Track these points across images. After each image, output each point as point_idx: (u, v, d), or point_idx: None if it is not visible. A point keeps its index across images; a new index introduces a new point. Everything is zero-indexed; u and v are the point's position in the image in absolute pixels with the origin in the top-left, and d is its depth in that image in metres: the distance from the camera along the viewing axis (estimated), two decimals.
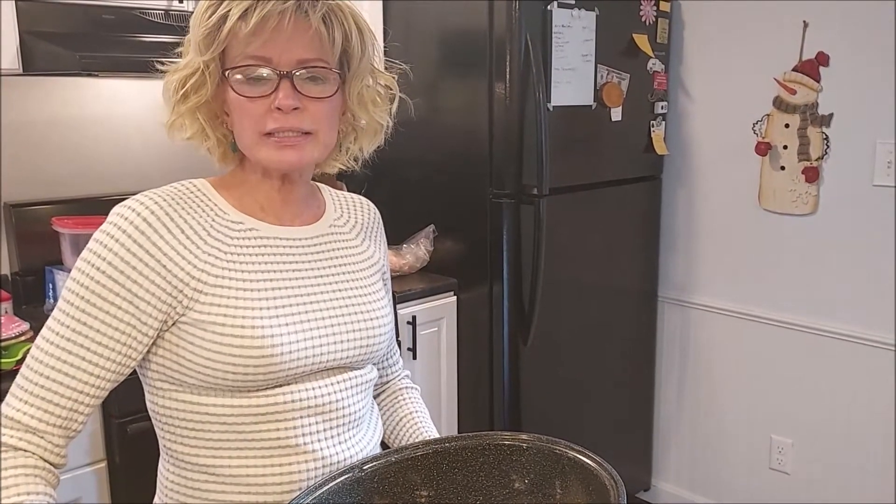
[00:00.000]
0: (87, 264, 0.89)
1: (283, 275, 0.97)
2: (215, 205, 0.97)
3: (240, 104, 0.92)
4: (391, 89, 1.04)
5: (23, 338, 1.63)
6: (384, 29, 2.36)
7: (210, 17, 0.89)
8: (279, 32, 0.89)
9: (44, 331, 0.89)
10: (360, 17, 0.96)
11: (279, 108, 0.91)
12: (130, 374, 0.93)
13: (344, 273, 1.04)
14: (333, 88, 0.95)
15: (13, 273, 2.04)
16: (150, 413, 0.98)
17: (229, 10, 0.88)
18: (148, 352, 0.93)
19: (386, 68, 1.05)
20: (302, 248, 1.01)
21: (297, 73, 0.91)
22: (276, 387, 0.94)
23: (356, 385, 1.02)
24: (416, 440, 1.13)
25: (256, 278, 0.94)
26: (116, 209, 0.91)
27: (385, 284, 1.13)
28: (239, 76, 0.91)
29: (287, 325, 0.94)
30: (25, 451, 0.86)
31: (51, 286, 1.99)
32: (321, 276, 1.01)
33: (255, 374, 0.91)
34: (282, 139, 0.93)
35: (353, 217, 1.11)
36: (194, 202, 0.95)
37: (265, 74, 0.91)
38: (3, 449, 0.86)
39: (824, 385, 2.44)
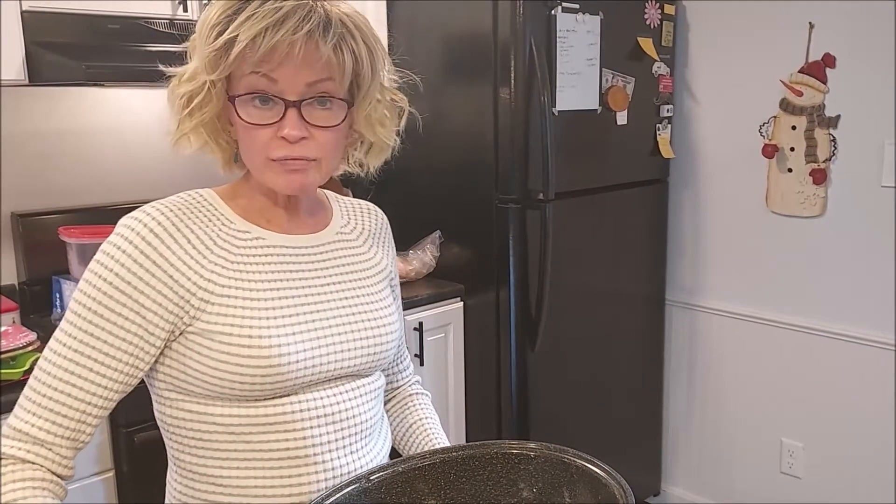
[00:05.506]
0: (95, 276, 0.89)
1: (290, 283, 0.97)
2: (221, 214, 0.97)
3: (246, 129, 0.91)
4: (397, 103, 1.02)
5: (30, 348, 1.63)
6: (389, 45, 2.36)
7: (216, 38, 0.87)
8: (289, 60, 0.87)
9: (51, 342, 0.89)
10: (370, 35, 0.93)
11: (285, 138, 0.90)
12: (138, 384, 0.93)
13: (351, 280, 1.03)
14: (341, 116, 0.94)
15: (20, 283, 2.05)
16: (159, 423, 0.98)
17: (237, 35, 0.85)
18: (156, 361, 0.93)
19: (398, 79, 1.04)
20: (308, 256, 1.01)
21: (305, 102, 0.90)
22: (283, 396, 0.94)
23: (366, 393, 1.02)
24: (427, 448, 1.13)
25: (263, 287, 0.94)
26: (123, 220, 0.91)
27: (393, 291, 1.13)
28: (245, 101, 0.90)
29: (294, 333, 0.93)
30: (33, 463, 0.86)
31: (58, 296, 1.99)
32: (328, 284, 1.00)
33: (262, 382, 0.91)
34: (287, 165, 0.92)
35: (359, 223, 1.11)
36: (201, 212, 0.95)
37: (272, 102, 0.90)
38: (11, 462, 0.86)
39: (835, 388, 2.43)
